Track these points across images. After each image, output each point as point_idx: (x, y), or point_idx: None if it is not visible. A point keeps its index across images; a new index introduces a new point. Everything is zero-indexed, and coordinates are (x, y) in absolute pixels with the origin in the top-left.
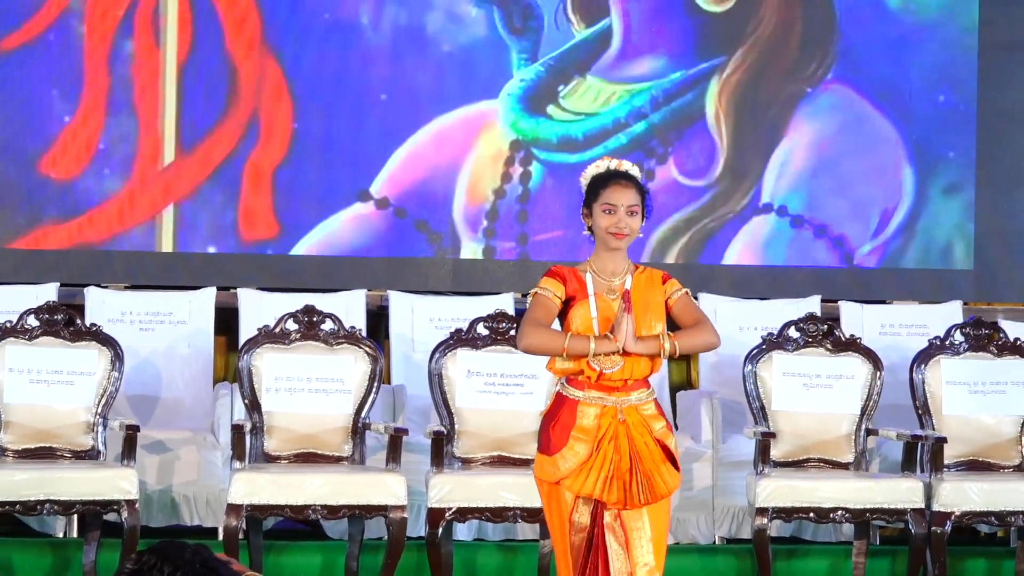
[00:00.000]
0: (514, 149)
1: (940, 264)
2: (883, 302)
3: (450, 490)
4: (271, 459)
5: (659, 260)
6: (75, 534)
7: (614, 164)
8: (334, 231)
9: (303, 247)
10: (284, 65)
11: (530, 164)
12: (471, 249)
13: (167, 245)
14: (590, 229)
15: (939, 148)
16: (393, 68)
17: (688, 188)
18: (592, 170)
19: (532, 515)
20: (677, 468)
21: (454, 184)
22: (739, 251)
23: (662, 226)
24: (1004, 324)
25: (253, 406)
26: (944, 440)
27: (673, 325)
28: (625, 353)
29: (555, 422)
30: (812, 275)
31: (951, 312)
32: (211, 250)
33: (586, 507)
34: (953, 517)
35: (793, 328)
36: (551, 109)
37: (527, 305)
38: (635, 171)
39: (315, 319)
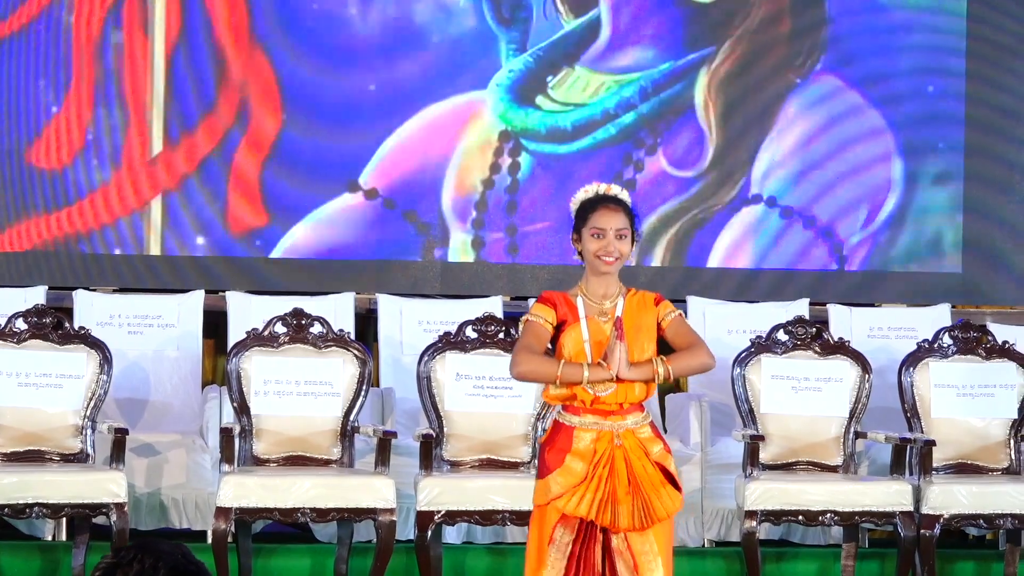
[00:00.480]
0: (503, 140)
1: (930, 254)
2: (871, 305)
3: (439, 493)
4: (260, 462)
5: (648, 251)
6: (64, 537)
7: (603, 188)
8: (322, 222)
9: (292, 238)
10: (272, 56)
11: (519, 155)
12: (460, 240)
13: (155, 236)
14: (580, 254)
15: (928, 139)
16: (382, 59)
17: (677, 179)
18: (581, 195)
19: (521, 518)
20: (679, 489)
21: (443, 175)
22: (728, 242)
23: (651, 217)
24: (992, 327)
25: (242, 409)
26: (933, 443)
27: (667, 348)
28: (619, 380)
29: (552, 447)
30: (801, 278)
31: (939, 315)
32: (200, 240)
33: (568, 534)
34: (942, 520)
35: (782, 331)
36: (540, 100)
37: (519, 332)
38: (624, 195)
39: (304, 322)
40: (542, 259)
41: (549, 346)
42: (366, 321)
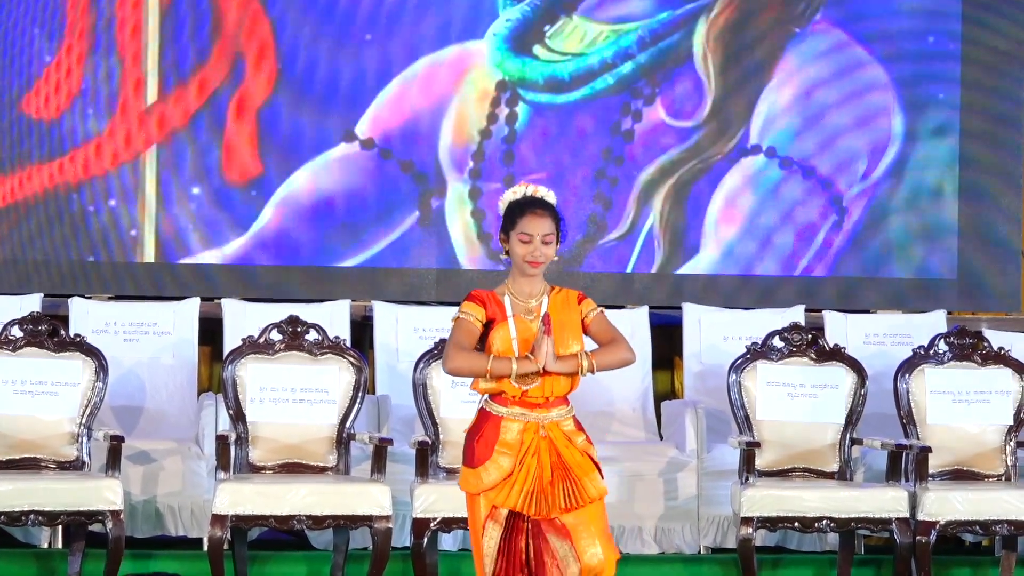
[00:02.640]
0: (500, 89)
1: (929, 209)
2: (867, 311)
3: (435, 500)
4: (256, 469)
5: (647, 202)
6: (60, 545)
7: (530, 190)
8: (319, 171)
9: (288, 187)
10: (268, 5)
11: (516, 104)
12: (457, 190)
13: (150, 186)
14: (507, 253)
15: (928, 89)
16: (378, 8)
17: (676, 129)
18: (510, 196)
19: None
20: (602, 476)
21: (440, 125)
22: (727, 193)
23: (649, 167)
24: (988, 333)
25: (237, 416)
26: (928, 449)
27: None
28: (546, 372)
29: (479, 436)
30: (796, 283)
31: (935, 321)
32: (195, 190)
33: (496, 528)
34: (938, 526)
35: (777, 338)
36: (537, 49)
37: (450, 330)
38: (551, 197)
39: (299, 329)
40: None
41: (478, 346)
42: (362, 328)
